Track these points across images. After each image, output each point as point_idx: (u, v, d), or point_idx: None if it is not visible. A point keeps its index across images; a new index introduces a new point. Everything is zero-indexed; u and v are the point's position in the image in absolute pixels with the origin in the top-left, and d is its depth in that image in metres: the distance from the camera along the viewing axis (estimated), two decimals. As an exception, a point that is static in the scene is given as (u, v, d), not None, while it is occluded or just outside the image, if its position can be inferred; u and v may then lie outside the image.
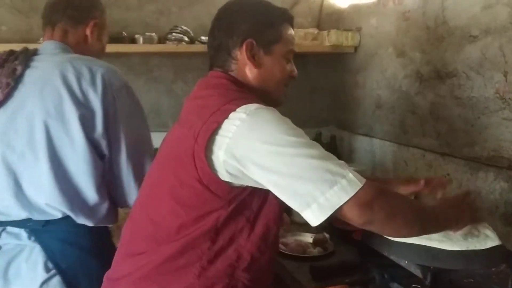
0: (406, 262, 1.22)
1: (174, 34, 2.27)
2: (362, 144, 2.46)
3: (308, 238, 1.73)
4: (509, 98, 1.54)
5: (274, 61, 1.21)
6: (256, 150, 1.01)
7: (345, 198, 0.96)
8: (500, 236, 1.38)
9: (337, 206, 0.97)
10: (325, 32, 2.45)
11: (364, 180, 0.99)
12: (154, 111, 2.42)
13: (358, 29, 2.44)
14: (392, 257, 1.26)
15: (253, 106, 1.05)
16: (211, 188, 1.06)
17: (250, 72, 1.20)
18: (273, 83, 1.22)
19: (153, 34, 2.27)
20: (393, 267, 1.28)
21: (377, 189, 1.01)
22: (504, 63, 1.56)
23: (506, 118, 1.56)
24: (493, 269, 1.26)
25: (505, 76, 1.56)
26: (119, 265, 1.22)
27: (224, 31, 1.21)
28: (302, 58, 2.68)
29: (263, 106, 1.07)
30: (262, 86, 1.21)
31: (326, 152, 1.03)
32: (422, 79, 1.98)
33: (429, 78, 1.93)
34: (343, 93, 2.66)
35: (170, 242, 1.10)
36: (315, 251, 1.63)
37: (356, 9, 2.47)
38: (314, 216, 0.98)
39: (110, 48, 2.18)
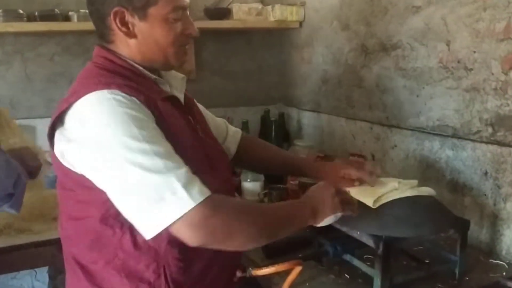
0: (358, 233, 1.22)
1: (111, 10, 2.15)
2: (310, 120, 2.45)
3: (260, 216, 1.70)
4: (452, 67, 1.56)
5: (154, 26, 1.05)
6: (89, 151, 0.94)
7: (171, 219, 0.88)
8: (446, 203, 1.42)
9: (164, 226, 0.88)
10: (269, 7, 2.41)
11: (204, 196, 0.90)
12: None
13: (302, 3, 2.42)
14: (344, 229, 1.25)
15: (87, 100, 0.95)
16: (86, 184, 0.97)
17: (127, 44, 1.07)
18: (157, 50, 1.07)
19: (89, 11, 2.14)
20: (346, 239, 1.28)
21: (215, 206, 0.91)
22: (446, 33, 1.57)
23: (450, 87, 1.58)
24: (442, 235, 1.28)
25: (447, 45, 1.57)
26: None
27: None
28: (247, 35, 2.65)
29: (103, 96, 0.95)
30: (146, 57, 1.08)
31: (163, 160, 0.91)
32: (367, 52, 1.98)
33: (374, 51, 1.94)
34: (289, 70, 2.64)
35: (79, 246, 1.05)
36: (267, 229, 1.60)
37: (299, -17, 2.44)
38: (145, 232, 0.91)
39: (42, 26, 2.07)
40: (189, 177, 0.91)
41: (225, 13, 2.40)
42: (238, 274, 1.19)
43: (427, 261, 1.34)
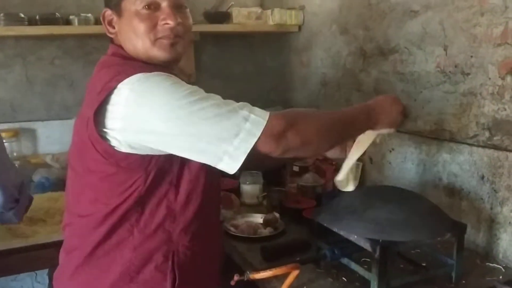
0: (356, 236, 1.23)
1: (111, 14, 2.17)
2: (309, 123, 2.46)
3: (259, 218, 1.71)
4: (449, 72, 1.57)
5: (127, 21, 1.09)
6: (150, 122, 0.97)
7: (253, 140, 0.95)
8: (443, 206, 1.43)
9: (248, 150, 0.95)
10: (268, 11, 2.42)
11: (267, 114, 0.98)
12: (94, 96, 2.32)
13: (302, 8, 2.43)
14: (341, 233, 1.26)
15: (135, 78, 0.99)
16: (122, 165, 1.02)
17: (120, 42, 1.12)
18: (137, 43, 1.09)
19: (89, 15, 2.16)
20: (343, 243, 1.29)
21: (285, 117, 0.99)
22: (444, 37, 1.58)
23: (447, 91, 1.59)
24: (438, 238, 1.29)
25: (445, 50, 1.58)
26: (60, 264, 1.18)
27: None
28: (247, 38, 2.66)
29: (146, 74, 1.00)
30: (132, 51, 1.11)
31: (223, 100, 1.00)
32: (365, 56, 1.99)
33: (372, 55, 1.95)
34: (288, 73, 2.65)
35: (98, 228, 1.07)
36: (266, 231, 1.61)
37: (299, -13, 2.45)
38: (229, 167, 0.97)
39: (43, 30, 2.08)
40: (246, 105, 1.00)
41: (224, 17, 2.42)
42: (236, 277, 1.20)
43: (424, 264, 1.35)
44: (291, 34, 2.55)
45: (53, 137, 2.29)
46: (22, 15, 2.05)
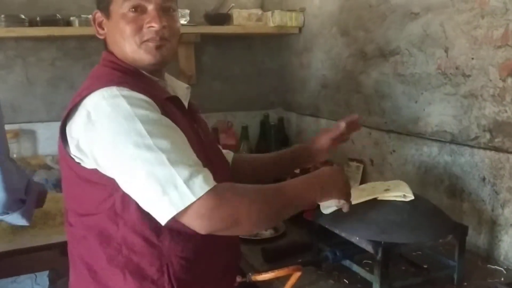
0: (358, 238, 1.23)
1: (112, 16, 2.17)
2: (309, 124, 2.46)
3: (259, 220, 1.71)
4: (450, 74, 1.58)
5: (115, 23, 1.09)
6: (98, 147, 0.96)
7: (173, 211, 0.90)
8: (445, 208, 1.43)
9: (167, 219, 0.91)
10: (269, 13, 2.43)
11: (205, 190, 0.90)
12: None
13: (302, 10, 2.43)
14: (343, 234, 1.26)
15: (97, 96, 0.97)
16: (93, 180, 1.01)
17: (110, 44, 1.13)
18: (124, 46, 1.09)
19: (90, 16, 2.13)
20: (345, 244, 1.29)
21: (220, 197, 0.92)
22: (444, 39, 1.58)
23: (448, 93, 1.59)
24: (440, 240, 1.29)
25: (446, 52, 1.59)
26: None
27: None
28: (247, 40, 2.66)
29: (112, 93, 0.97)
30: (120, 54, 1.11)
31: (167, 154, 0.92)
32: (366, 58, 1.99)
33: (372, 57, 1.95)
34: (289, 75, 2.66)
35: (85, 243, 1.06)
36: (267, 233, 1.61)
37: (299, -11, 2.46)
38: (159, 219, 0.93)
39: (44, 31, 2.08)
40: (192, 170, 0.92)
41: (225, 19, 2.42)
42: (238, 279, 1.20)
43: (426, 266, 1.36)
44: (291, 36, 2.55)
45: (53, 139, 2.21)
46: (23, 17, 2.05)
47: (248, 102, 2.67)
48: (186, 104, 1.18)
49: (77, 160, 1.02)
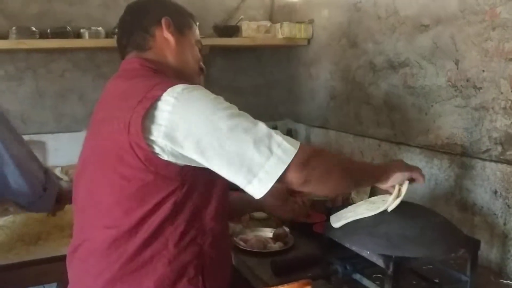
0: (368, 252, 1.21)
1: (122, 28, 2.18)
2: (318, 136, 2.46)
3: (268, 233, 1.70)
4: (461, 86, 1.57)
5: (189, 43, 1.27)
6: (192, 132, 1.00)
7: (283, 167, 0.98)
8: (456, 221, 1.41)
9: (277, 177, 0.99)
10: (278, 25, 2.43)
11: (298, 144, 1.02)
12: (103, 109, 2.33)
13: (311, 21, 2.43)
14: (353, 248, 1.24)
15: (178, 88, 1.03)
16: (161, 173, 1.04)
17: (168, 48, 1.23)
18: (188, 63, 1.26)
19: (100, 28, 2.17)
20: (355, 258, 1.27)
21: (311, 150, 1.04)
22: (455, 52, 1.58)
23: (459, 106, 1.58)
24: (452, 255, 1.27)
25: (456, 64, 1.58)
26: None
27: (137, 12, 1.25)
28: (256, 51, 2.67)
29: (189, 85, 1.05)
30: (180, 64, 1.24)
31: (257, 122, 1.03)
32: (375, 69, 1.99)
33: (382, 68, 1.95)
34: (297, 86, 2.65)
35: (131, 239, 1.06)
36: (276, 246, 1.60)
37: (308, 1, 2.46)
38: (257, 191, 1.00)
39: (54, 43, 2.10)
40: (277, 131, 1.03)
41: (234, 31, 2.43)
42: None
43: (437, 281, 1.33)
44: (300, 47, 2.55)
45: (62, 150, 2.30)
46: (34, 29, 2.07)
47: (257, 113, 2.60)
48: None
49: (156, 151, 1.02)
